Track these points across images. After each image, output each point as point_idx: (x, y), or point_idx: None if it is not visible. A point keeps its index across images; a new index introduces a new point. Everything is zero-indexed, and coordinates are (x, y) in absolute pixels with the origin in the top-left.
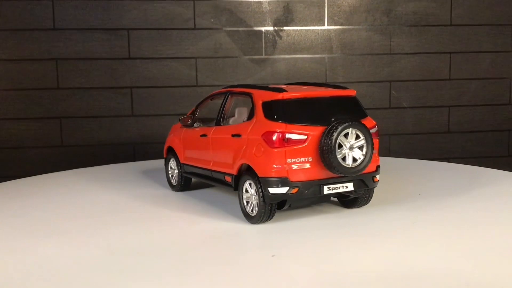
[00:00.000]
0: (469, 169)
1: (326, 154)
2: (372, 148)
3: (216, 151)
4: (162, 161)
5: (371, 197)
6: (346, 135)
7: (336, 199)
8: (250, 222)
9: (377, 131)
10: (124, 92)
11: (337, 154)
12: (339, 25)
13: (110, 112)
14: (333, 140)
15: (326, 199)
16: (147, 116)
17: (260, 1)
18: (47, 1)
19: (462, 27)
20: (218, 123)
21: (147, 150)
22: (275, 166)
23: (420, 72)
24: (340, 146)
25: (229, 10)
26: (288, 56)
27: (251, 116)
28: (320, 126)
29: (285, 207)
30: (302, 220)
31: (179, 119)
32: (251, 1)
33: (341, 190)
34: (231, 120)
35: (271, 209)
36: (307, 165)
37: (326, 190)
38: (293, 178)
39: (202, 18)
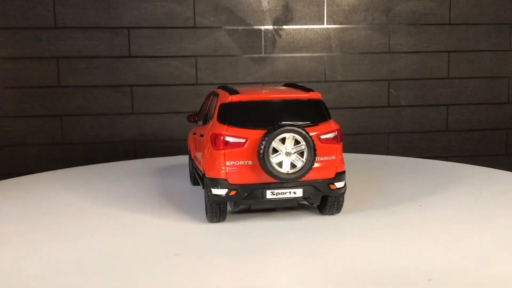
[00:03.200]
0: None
1: (260, 158)
2: (314, 155)
3: (198, 150)
4: (165, 158)
5: (341, 205)
6: (283, 140)
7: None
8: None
9: (338, 135)
10: (125, 90)
11: (270, 159)
12: (338, 24)
13: (110, 110)
14: (266, 145)
15: (294, 203)
16: (147, 114)
17: (259, 0)
18: (48, 0)
19: (460, 26)
20: (204, 123)
21: (148, 148)
22: (215, 167)
23: (419, 70)
24: (277, 151)
25: (229, 9)
26: (288, 54)
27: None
28: (262, 130)
29: (236, 209)
30: (256, 222)
31: (187, 116)
32: (250, 0)
33: (287, 196)
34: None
35: (220, 209)
36: (247, 169)
37: (269, 194)
38: (232, 180)
39: (202, 16)
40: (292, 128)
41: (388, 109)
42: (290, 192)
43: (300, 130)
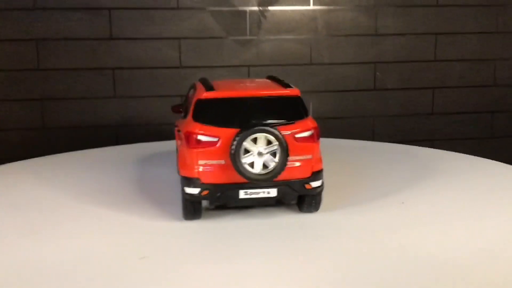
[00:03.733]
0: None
1: (232, 159)
2: (286, 155)
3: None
4: (148, 144)
5: (318, 203)
6: (255, 140)
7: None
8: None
9: (315, 134)
10: (106, 73)
11: (242, 160)
12: (325, 5)
13: (92, 94)
14: (237, 145)
15: (271, 200)
16: (130, 98)
17: None
18: None
19: (448, 8)
20: (185, 116)
21: (131, 132)
22: (188, 166)
23: (405, 53)
24: (249, 151)
25: None
26: (273, 37)
27: None
28: (235, 128)
29: (212, 207)
30: (232, 221)
31: (171, 107)
32: None
33: (261, 195)
34: None
35: (194, 207)
36: (220, 168)
37: (242, 194)
38: (204, 179)
39: None
40: (263, 128)
41: (374, 92)
42: (264, 192)
43: (272, 130)
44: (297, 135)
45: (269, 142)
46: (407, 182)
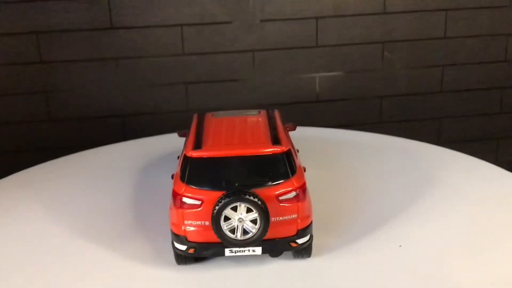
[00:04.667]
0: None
1: (212, 224)
2: (267, 222)
3: None
4: (156, 138)
5: (309, 251)
6: (235, 208)
7: None
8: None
9: (300, 193)
10: (109, 63)
11: (222, 226)
12: None
13: (96, 85)
14: (217, 214)
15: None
16: (134, 87)
17: None
18: None
19: None
20: (181, 155)
21: (136, 121)
22: (175, 224)
23: (415, 31)
24: (229, 218)
25: None
26: (277, 19)
27: None
28: (219, 191)
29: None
30: (226, 270)
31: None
32: None
33: (246, 253)
34: None
35: (185, 257)
36: (204, 228)
37: (227, 252)
38: (191, 238)
39: None
40: (243, 197)
41: (382, 72)
42: (249, 250)
43: (251, 199)
44: (281, 197)
45: (249, 210)
46: (405, 207)
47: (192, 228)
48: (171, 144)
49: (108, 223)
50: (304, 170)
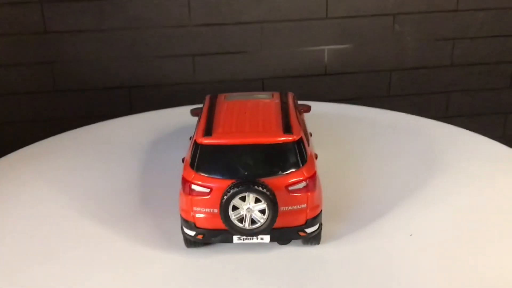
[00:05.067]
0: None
1: (221, 214)
2: (275, 213)
3: None
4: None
5: (318, 238)
6: (243, 198)
7: None
8: None
9: (310, 184)
10: (115, 34)
11: (230, 216)
12: None
13: (101, 56)
14: (224, 203)
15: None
16: (139, 58)
17: None
18: None
19: None
20: (193, 135)
21: (142, 92)
22: (185, 209)
23: (426, 3)
24: (237, 207)
25: None
26: None
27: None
28: (228, 180)
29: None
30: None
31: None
32: None
33: (254, 241)
34: None
35: (194, 241)
36: (213, 215)
37: (236, 239)
38: (199, 224)
39: None
40: (251, 187)
41: (392, 45)
42: (257, 238)
43: (260, 189)
44: (290, 187)
45: (258, 200)
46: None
47: (201, 215)
48: (180, 118)
49: (116, 203)
50: (316, 158)
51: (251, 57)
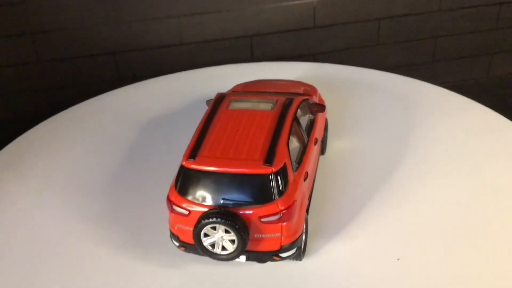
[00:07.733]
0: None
1: (194, 238)
2: (244, 244)
3: None
4: (157, 80)
5: (300, 258)
6: (214, 227)
7: None
8: None
9: (284, 216)
10: None
11: (202, 242)
12: None
13: (84, 22)
14: (196, 231)
15: None
16: (123, 22)
17: None
18: None
19: None
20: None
21: (129, 57)
22: (170, 223)
23: None
24: (209, 235)
25: None
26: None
27: None
28: (204, 205)
29: None
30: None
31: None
32: None
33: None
34: None
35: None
36: (192, 233)
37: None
38: (182, 238)
39: None
40: (221, 220)
41: None
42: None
43: (229, 222)
44: (263, 219)
45: (228, 231)
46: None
47: (181, 231)
48: (176, 86)
49: (113, 190)
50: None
51: (237, 14)
